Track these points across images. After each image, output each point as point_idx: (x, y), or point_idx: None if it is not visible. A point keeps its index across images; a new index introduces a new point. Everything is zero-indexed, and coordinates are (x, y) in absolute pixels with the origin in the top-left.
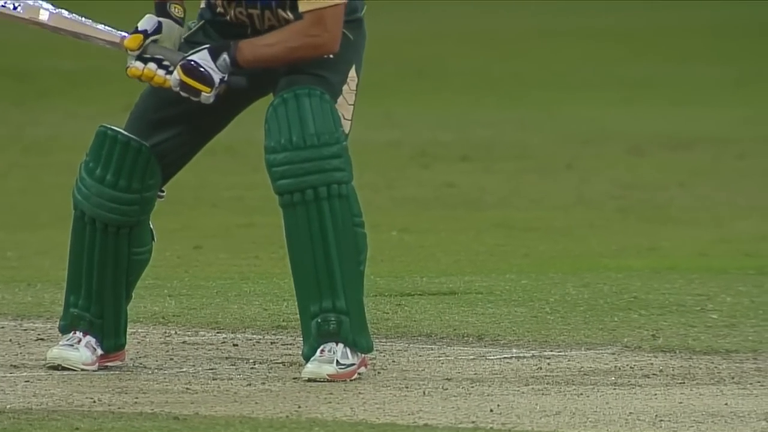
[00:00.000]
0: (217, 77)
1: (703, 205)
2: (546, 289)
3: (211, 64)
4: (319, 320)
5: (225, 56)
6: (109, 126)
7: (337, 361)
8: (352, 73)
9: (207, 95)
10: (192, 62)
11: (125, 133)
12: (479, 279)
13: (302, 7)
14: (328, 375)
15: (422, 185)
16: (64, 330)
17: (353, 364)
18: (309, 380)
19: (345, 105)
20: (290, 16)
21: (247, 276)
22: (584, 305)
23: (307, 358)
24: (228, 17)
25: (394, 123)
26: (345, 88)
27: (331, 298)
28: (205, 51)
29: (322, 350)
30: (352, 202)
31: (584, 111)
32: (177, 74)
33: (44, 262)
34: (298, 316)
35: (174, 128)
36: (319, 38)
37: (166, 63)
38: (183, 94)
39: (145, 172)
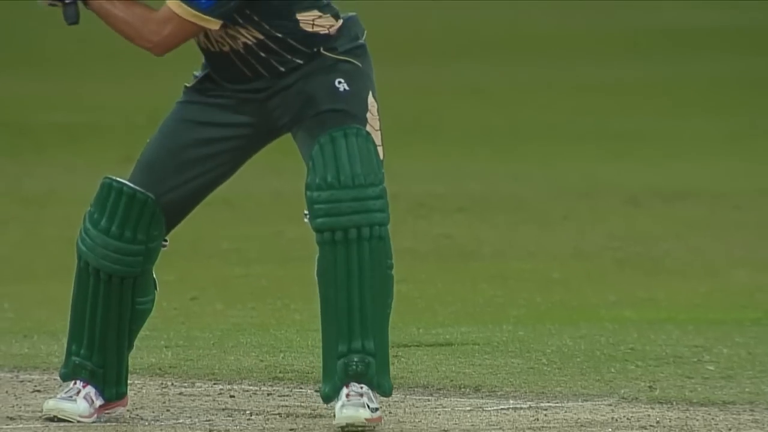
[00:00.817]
0: None
1: (698, 256)
2: (543, 340)
3: None
4: (347, 360)
5: None
6: (114, 178)
7: (367, 404)
8: (371, 99)
9: None
10: None
11: (131, 185)
12: (476, 330)
13: (168, 1)
14: (365, 419)
15: (419, 237)
16: (65, 377)
17: (378, 408)
18: (347, 425)
19: (373, 131)
20: (257, 32)
21: (244, 327)
22: (581, 356)
23: (327, 398)
24: (211, 47)
25: (390, 175)
26: (368, 115)
27: (361, 338)
28: None
29: (349, 394)
30: (387, 245)
31: (579, 163)
32: None
33: (41, 314)
34: (295, 366)
35: (181, 177)
36: (153, 35)
37: None
38: None
39: (150, 223)
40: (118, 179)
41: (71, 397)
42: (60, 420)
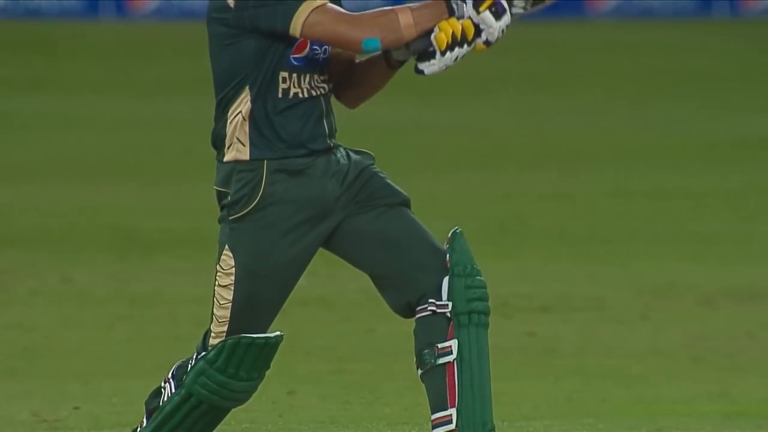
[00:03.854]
0: None
1: None
2: None
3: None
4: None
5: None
6: (242, 335)
7: None
8: None
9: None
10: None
11: (261, 336)
12: (558, 423)
13: None
14: None
15: (504, 334)
16: None
17: None
18: None
19: None
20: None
21: (338, 420)
22: None
23: None
24: (300, 93)
25: None
26: None
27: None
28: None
29: None
30: None
31: (656, 265)
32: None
33: None
34: None
35: (282, 302)
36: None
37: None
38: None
39: (266, 362)
40: (246, 335)
41: None
42: None
